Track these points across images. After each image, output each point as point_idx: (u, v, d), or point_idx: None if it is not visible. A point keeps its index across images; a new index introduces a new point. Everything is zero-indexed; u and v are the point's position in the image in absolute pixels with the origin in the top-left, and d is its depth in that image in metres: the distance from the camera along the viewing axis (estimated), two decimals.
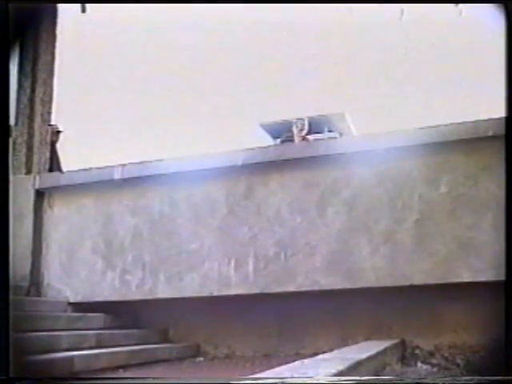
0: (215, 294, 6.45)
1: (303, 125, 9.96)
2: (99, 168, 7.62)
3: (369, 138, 6.77)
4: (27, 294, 7.41)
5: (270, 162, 6.70)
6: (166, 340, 7.17)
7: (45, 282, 7.64)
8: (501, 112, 3.87)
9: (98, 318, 7.10)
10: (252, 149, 6.90)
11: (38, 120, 9.39)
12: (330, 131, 14.19)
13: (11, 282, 7.30)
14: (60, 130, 10.08)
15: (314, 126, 13.95)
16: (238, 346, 6.65)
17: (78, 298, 7.35)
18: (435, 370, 5.20)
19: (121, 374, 5.34)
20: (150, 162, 7.23)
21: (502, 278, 3.28)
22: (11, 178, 8.97)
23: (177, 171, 6.89)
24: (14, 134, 9.47)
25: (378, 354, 4.71)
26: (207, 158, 6.86)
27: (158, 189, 7.05)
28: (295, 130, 10.34)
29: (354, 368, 3.60)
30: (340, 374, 3.16)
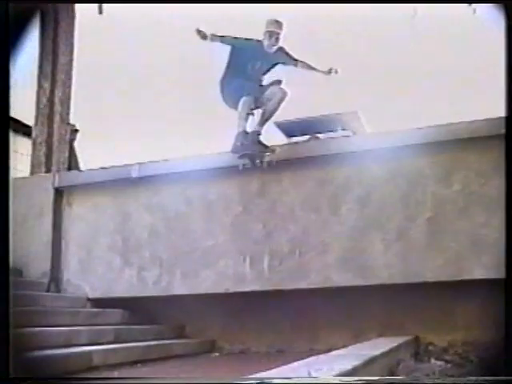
0: (230, 290, 6.43)
1: None
2: (116, 166, 7.62)
3: (381, 136, 6.70)
4: (47, 290, 7.43)
5: (284, 160, 6.65)
6: (181, 336, 7.15)
7: (64, 279, 7.66)
8: None
9: (115, 313, 7.10)
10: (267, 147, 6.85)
11: (56, 120, 9.40)
12: (343, 130, 14.06)
13: (31, 279, 7.35)
14: (77, 129, 10.09)
15: (328, 125, 13.88)
16: (252, 341, 6.62)
17: (97, 294, 7.36)
18: (449, 366, 5.11)
19: (138, 368, 5.32)
20: (166, 160, 7.20)
21: None
22: (30, 176, 9.00)
23: (192, 169, 6.87)
24: (34, 133, 9.48)
25: (392, 350, 4.66)
26: (221, 157, 6.82)
27: (174, 187, 7.03)
28: None
29: (369, 364, 3.55)
30: (355, 370, 3.11)
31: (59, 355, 4.94)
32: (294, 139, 13.69)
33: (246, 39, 6.81)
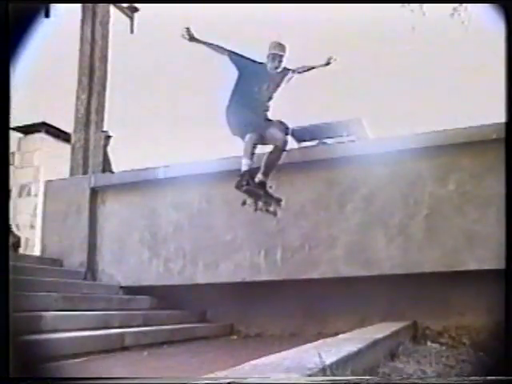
0: (247, 279, 6.45)
1: None
2: (145, 169, 7.67)
3: (384, 141, 6.71)
4: (84, 278, 7.53)
5: (296, 163, 6.67)
6: (203, 320, 7.18)
7: (99, 268, 7.74)
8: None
9: (145, 300, 7.15)
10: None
11: (92, 127, 9.48)
12: (348, 135, 14.02)
13: (71, 268, 7.41)
14: (110, 135, 10.15)
15: (334, 131, 13.86)
16: (267, 325, 6.63)
17: (128, 283, 7.41)
18: (444, 348, 5.10)
19: (165, 349, 5.35)
20: (190, 163, 7.23)
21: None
22: (70, 177, 9.06)
23: (213, 171, 6.88)
24: (73, 139, 9.56)
25: (393, 334, 4.66)
26: (240, 160, 6.83)
27: (197, 187, 7.05)
28: None
29: (372, 346, 3.55)
30: (360, 351, 3.11)
31: (96, 336, 5.02)
32: (304, 144, 13.71)
33: (252, 60, 6.25)
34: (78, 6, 9.87)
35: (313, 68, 6.49)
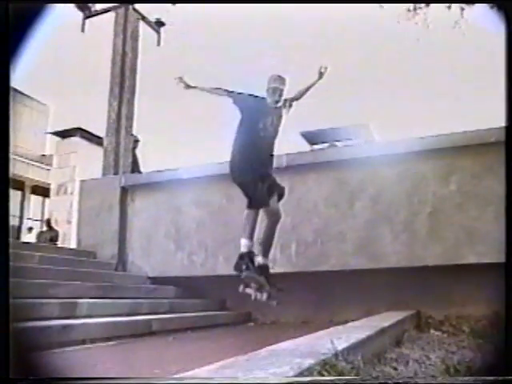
0: None
1: None
2: (170, 169, 7.70)
3: (390, 144, 6.68)
4: (115, 269, 7.58)
5: (308, 164, 6.68)
6: (223, 308, 7.19)
7: (129, 260, 7.78)
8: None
9: (170, 289, 7.18)
10: (294, 153, 6.88)
11: (122, 132, 9.53)
12: (356, 139, 13.99)
13: (103, 260, 7.45)
14: (139, 139, 10.20)
15: (344, 134, 13.82)
16: (282, 314, 6.61)
17: (155, 274, 7.44)
18: (445, 335, 5.07)
19: (189, 334, 5.36)
20: (212, 164, 7.23)
21: (503, 260, 3.15)
22: (102, 177, 9.11)
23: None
24: (105, 143, 9.62)
25: (398, 322, 4.64)
26: None
27: (218, 186, 7.04)
28: None
29: (380, 334, 3.54)
30: (368, 338, 3.10)
31: (126, 322, 5.06)
32: (316, 146, 13.70)
33: (254, 96, 5.66)
34: (112, 21, 9.93)
35: (309, 88, 5.78)
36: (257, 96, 5.62)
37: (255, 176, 5.24)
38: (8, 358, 1.16)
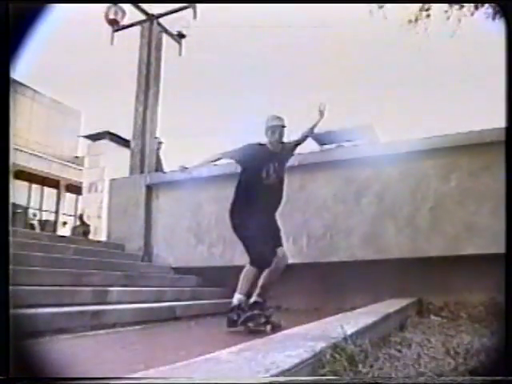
0: None
1: None
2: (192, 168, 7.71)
3: (394, 144, 6.63)
4: (142, 260, 7.62)
5: (318, 163, 6.68)
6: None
7: (154, 252, 7.83)
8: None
9: (191, 278, 7.21)
10: (304, 153, 6.87)
11: (147, 135, 9.57)
12: (361, 139, 13.94)
13: (131, 252, 7.49)
14: (162, 141, 10.24)
15: (350, 135, 13.77)
16: (294, 301, 6.62)
17: (178, 264, 7.48)
18: (445, 320, 5.06)
19: (208, 319, 5.39)
20: (229, 163, 7.24)
21: (498, 251, 3.13)
22: (129, 176, 9.15)
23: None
24: (132, 145, 9.68)
25: (402, 308, 4.63)
26: None
27: (235, 183, 7.04)
28: None
29: (385, 319, 3.54)
30: (375, 324, 3.10)
31: (152, 308, 5.11)
32: (325, 147, 13.67)
33: (253, 145, 4.96)
34: (138, 34, 9.99)
35: (312, 129, 5.29)
36: (258, 144, 4.94)
37: (258, 231, 4.63)
38: (8, 358, 1.14)
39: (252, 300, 4.57)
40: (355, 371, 1.93)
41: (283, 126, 4.88)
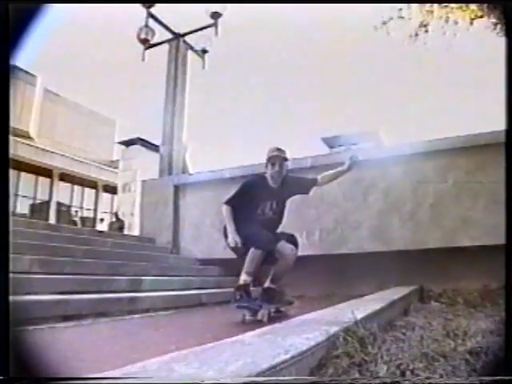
0: None
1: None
2: (215, 170, 7.74)
3: (397, 146, 6.60)
4: (171, 253, 7.64)
5: (329, 164, 6.63)
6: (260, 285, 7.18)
7: (182, 245, 7.85)
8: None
9: (215, 269, 7.21)
10: (317, 155, 6.86)
11: (175, 140, 9.60)
12: (367, 142, 13.89)
13: (161, 245, 7.52)
14: (188, 146, 10.28)
15: (357, 139, 13.73)
16: (307, 289, 6.58)
17: (203, 256, 7.48)
18: (444, 306, 5.03)
19: (231, 306, 5.41)
20: (250, 165, 7.24)
21: (492, 242, 3.09)
22: (159, 178, 9.20)
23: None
24: (161, 150, 9.72)
25: (405, 295, 4.60)
26: (286, 162, 6.86)
27: None
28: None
29: (391, 306, 3.51)
30: (382, 309, 3.08)
31: (181, 295, 5.12)
32: (334, 149, 13.65)
33: (248, 183, 4.32)
34: (166, 50, 10.05)
35: (337, 177, 4.58)
36: (259, 176, 4.37)
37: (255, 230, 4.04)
38: (8, 358, 1.13)
39: (266, 285, 4.23)
40: (366, 352, 1.92)
41: (284, 159, 4.24)
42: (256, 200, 4.19)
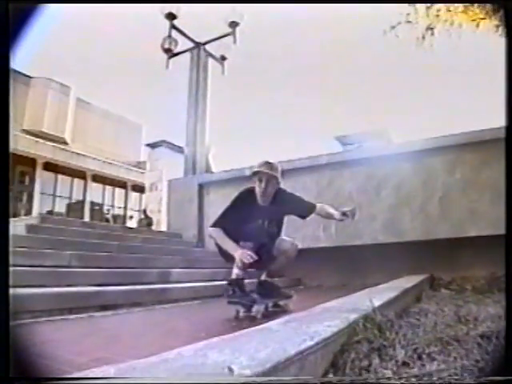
0: (311, 246, 6.37)
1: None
2: (235, 169, 7.76)
3: (407, 144, 6.53)
4: (196, 247, 7.66)
5: (342, 161, 6.65)
6: (278, 276, 7.16)
7: (206, 239, 7.85)
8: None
9: None
10: (332, 153, 6.85)
11: (198, 140, 9.63)
12: (377, 141, 13.78)
13: (186, 240, 7.55)
14: (211, 147, 10.31)
15: (368, 138, 13.62)
16: (324, 279, 6.60)
17: None
18: (453, 293, 4.97)
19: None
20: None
21: (496, 233, 3.04)
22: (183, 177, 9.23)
23: (287, 168, 6.88)
24: (185, 151, 9.76)
25: (417, 284, 4.55)
26: (303, 160, 6.92)
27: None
28: None
29: (404, 294, 3.47)
30: (396, 298, 3.05)
31: (207, 286, 5.11)
32: (347, 148, 13.57)
33: (238, 201, 3.60)
34: (188, 58, 10.08)
35: (330, 217, 3.76)
36: (249, 190, 3.65)
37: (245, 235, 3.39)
38: (8, 358, 1.11)
39: (262, 279, 3.77)
40: (384, 337, 1.91)
41: (273, 176, 3.50)
42: (245, 217, 3.44)
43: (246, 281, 3.56)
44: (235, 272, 3.46)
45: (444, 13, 8.40)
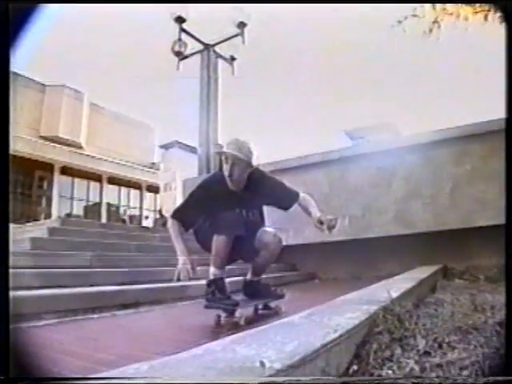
0: (325, 240, 6.34)
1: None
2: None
3: (416, 136, 6.50)
4: None
5: (351, 156, 6.65)
6: (294, 269, 7.16)
7: None
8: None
9: None
10: (344, 148, 6.84)
11: (210, 140, 9.66)
12: (385, 134, 13.71)
13: None
14: (223, 146, 10.32)
15: (376, 131, 13.55)
16: (339, 272, 6.58)
17: None
18: (467, 282, 4.94)
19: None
20: (278, 160, 7.21)
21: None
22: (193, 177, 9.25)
23: (299, 164, 6.91)
24: (198, 151, 9.80)
25: (432, 274, 4.51)
26: (316, 155, 6.93)
27: (289, 175, 7.04)
28: None
29: (420, 284, 3.43)
30: (413, 288, 3.02)
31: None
32: (355, 141, 13.53)
33: (201, 187, 3.00)
34: (198, 60, 10.10)
35: (308, 214, 3.15)
36: (217, 178, 3.04)
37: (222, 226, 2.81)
38: (8, 358, 1.11)
39: (248, 278, 3.30)
40: (404, 328, 1.90)
41: (238, 158, 2.87)
42: (215, 205, 2.84)
43: (228, 280, 3.06)
44: (212, 272, 2.96)
45: (451, 6, 8.34)
